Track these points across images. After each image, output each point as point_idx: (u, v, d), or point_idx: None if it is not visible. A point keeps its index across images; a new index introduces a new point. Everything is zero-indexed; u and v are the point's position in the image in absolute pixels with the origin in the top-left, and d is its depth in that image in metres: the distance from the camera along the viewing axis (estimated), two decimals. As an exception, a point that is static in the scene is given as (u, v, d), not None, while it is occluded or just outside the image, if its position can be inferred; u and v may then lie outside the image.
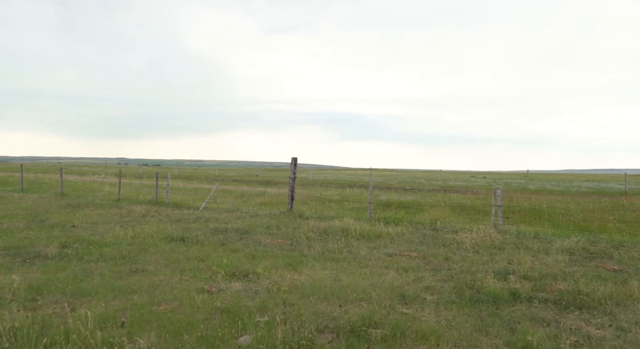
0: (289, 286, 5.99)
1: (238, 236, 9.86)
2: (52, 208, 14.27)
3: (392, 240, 9.69)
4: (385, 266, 7.35)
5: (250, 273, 6.62)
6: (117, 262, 7.19)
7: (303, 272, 6.87)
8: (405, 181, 36.68)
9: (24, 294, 5.21)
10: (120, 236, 9.31)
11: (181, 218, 12.37)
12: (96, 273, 6.43)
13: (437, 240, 9.63)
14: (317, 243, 9.05)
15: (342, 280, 6.34)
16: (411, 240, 9.71)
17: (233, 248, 8.56)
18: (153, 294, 5.47)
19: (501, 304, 5.39)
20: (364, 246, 8.97)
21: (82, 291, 5.46)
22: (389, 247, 9.00)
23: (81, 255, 7.60)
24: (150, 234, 9.64)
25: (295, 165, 14.02)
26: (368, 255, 8.19)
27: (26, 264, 6.98)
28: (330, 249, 8.56)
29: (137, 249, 8.19)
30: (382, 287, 5.97)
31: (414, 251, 8.61)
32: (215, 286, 5.91)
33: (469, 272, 6.92)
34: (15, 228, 10.37)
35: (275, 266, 7.14)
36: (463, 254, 8.39)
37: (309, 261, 7.52)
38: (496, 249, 8.87)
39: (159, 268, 6.94)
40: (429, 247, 9.03)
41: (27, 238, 9.15)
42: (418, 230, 10.95)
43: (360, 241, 9.51)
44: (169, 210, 14.16)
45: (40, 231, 9.97)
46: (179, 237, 9.39)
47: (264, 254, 8.03)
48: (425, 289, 6.04)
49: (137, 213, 13.33)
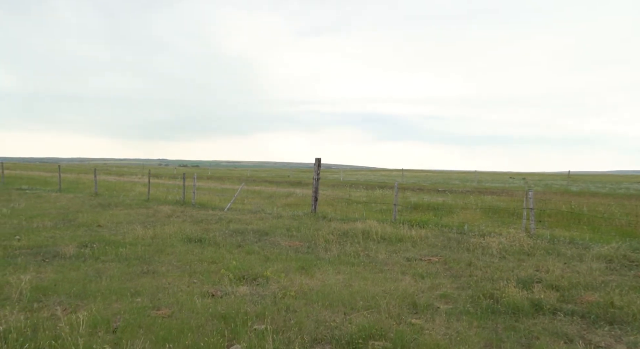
0: (297, 291, 5.78)
1: (256, 237, 9.74)
2: (84, 207, 14.65)
3: (414, 243, 9.31)
4: (402, 271, 7.02)
5: (259, 276, 6.44)
6: (131, 263, 7.19)
7: (315, 276, 6.63)
8: (438, 183, 35.80)
9: (29, 294, 5.23)
10: (140, 237, 9.37)
11: (204, 219, 12.39)
12: (107, 274, 6.43)
13: (462, 244, 9.17)
14: (335, 246, 8.80)
15: (353, 286, 6.07)
16: (434, 244, 9.29)
17: (249, 250, 8.43)
18: (156, 298, 5.38)
19: (521, 317, 4.97)
20: (383, 249, 8.64)
21: (87, 293, 5.44)
22: (410, 251, 8.64)
23: (97, 255, 7.65)
24: (169, 235, 9.66)
25: (319, 165, 13.81)
26: (386, 259, 7.87)
27: (43, 263, 7.08)
28: (347, 252, 8.29)
29: (153, 250, 8.20)
30: (394, 294, 5.66)
31: (435, 256, 8.21)
32: (221, 290, 5.76)
33: (491, 279, 6.49)
34: (44, 227, 10.65)
35: (287, 269, 6.94)
36: (488, 260, 7.93)
37: (322, 265, 7.28)
38: (525, 255, 8.34)
39: (170, 269, 6.88)
40: (453, 252, 8.60)
41: (52, 237, 9.35)
42: (443, 233, 10.50)
43: (380, 244, 9.19)
44: (195, 211, 14.25)
45: (66, 231, 10.19)
46: (197, 238, 9.35)
47: (278, 257, 7.85)
48: (440, 297, 5.68)
49: (163, 214, 13.48)
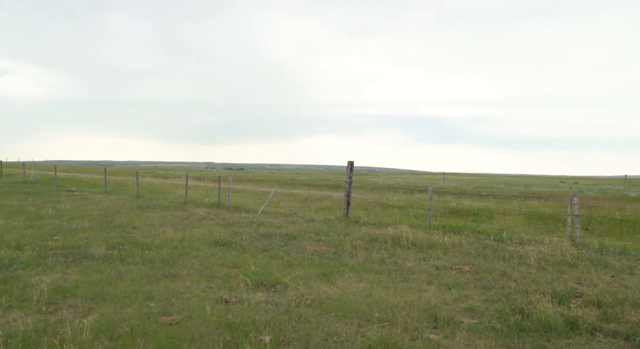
0: (314, 299, 5.57)
1: (283, 242, 9.61)
2: (123, 209, 15.09)
3: (446, 251, 8.87)
4: (428, 280, 6.65)
5: (278, 283, 6.28)
6: (154, 265, 7.23)
7: (335, 284, 6.40)
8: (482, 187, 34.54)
9: (47, 296, 5.31)
10: (169, 239, 9.47)
11: (235, 222, 12.42)
12: (128, 277, 6.47)
13: (498, 253, 8.63)
14: (362, 252, 8.51)
15: (373, 295, 5.78)
16: (468, 252, 8.81)
17: (273, 254, 8.30)
18: (169, 303, 5.33)
19: (553, 336, 4.52)
20: (412, 256, 8.27)
21: (103, 296, 5.47)
22: (441, 259, 8.22)
23: (124, 257, 7.76)
24: (198, 237, 9.71)
25: (352, 169, 13.54)
26: (414, 267, 7.50)
27: (72, 264, 7.24)
28: (373, 259, 7.98)
29: (179, 253, 8.23)
30: (415, 306, 5.33)
31: (467, 265, 7.76)
32: (237, 297, 5.64)
33: (524, 292, 6.01)
34: (82, 228, 11.00)
35: (308, 276, 6.74)
36: (524, 270, 7.40)
37: (345, 272, 7.03)
38: (566, 266, 7.73)
39: (191, 273, 6.84)
40: (487, 260, 8.11)
41: (87, 238, 9.61)
42: (479, 241, 9.96)
43: (410, 251, 8.81)
44: (228, 213, 14.34)
45: (102, 232, 10.47)
46: (224, 241, 9.34)
47: (302, 262, 7.66)
48: (465, 310, 5.29)
49: (197, 216, 13.64)
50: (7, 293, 5.52)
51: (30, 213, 13.57)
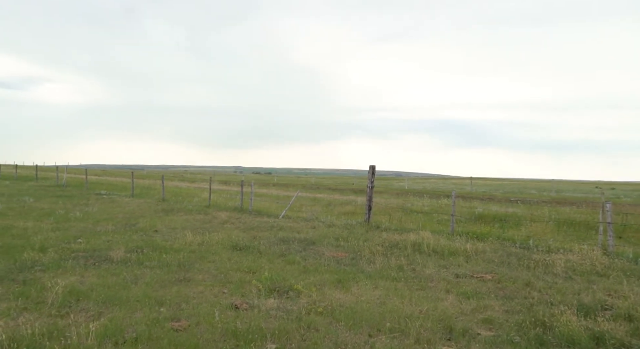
0: (325, 307, 5.44)
1: (302, 247, 9.51)
2: (148, 212, 15.32)
3: (468, 258, 8.58)
4: (446, 289, 6.41)
5: (291, 289, 6.17)
6: (171, 269, 7.24)
7: (350, 291, 6.24)
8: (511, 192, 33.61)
9: (61, 299, 5.36)
10: (188, 243, 9.51)
11: (256, 226, 12.41)
12: (143, 281, 6.49)
13: (523, 261, 8.29)
14: (380, 258, 8.32)
15: (387, 304, 5.60)
16: (491, 259, 8.49)
17: (290, 260, 8.21)
18: (180, 308, 5.30)
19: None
20: (432, 264, 8.03)
21: (115, 300, 5.48)
22: (462, 267, 7.94)
23: (142, 261, 7.82)
24: (217, 241, 9.72)
25: (373, 173, 13.34)
26: (433, 275, 7.27)
27: (90, 267, 7.33)
28: (391, 266, 7.79)
29: (196, 257, 8.24)
30: (431, 316, 5.12)
31: (489, 273, 7.47)
32: (248, 303, 5.57)
33: (548, 303, 5.71)
34: (105, 231, 11.20)
35: (322, 282, 6.61)
36: (550, 280, 7.06)
37: (361, 279, 6.86)
38: (596, 275, 7.34)
39: (206, 278, 6.82)
40: (510, 269, 7.79)
41: (109, 241, 9.77)
42: (504, 248, 9.60)
43: (430, 258, 8.56)
44: (250, 218, 14.36)
45: (124, 235, 10.62)
46: (243, 246, 9.31)
47: (318, 268, 7.54)
48: (483, 322, 5.05)
49: (218, 220, 13.71)
50: (24, 295, 5.62)
51: (58, 215, 13.94)
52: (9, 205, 16.69)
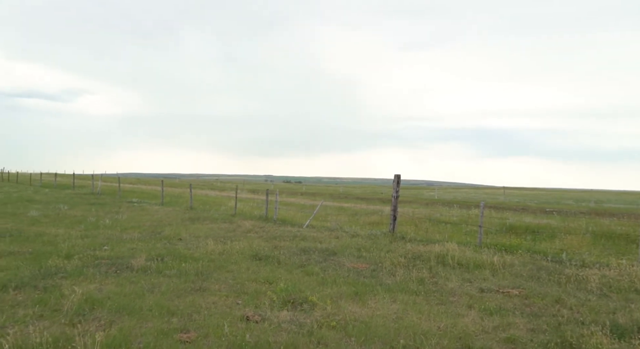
0: (339, 321, 5.26)
1: (322, 257, 9.35)
2: (175, 221, 15.52)
3: (494, 271, 8.21)
4: (468, 304, 6.12)
5: (306, 301, 6.03)
6: (188, 278, 7.23)
7: (367, 304, 6.04)
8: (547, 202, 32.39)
9: (76, 307, 5.40)
10: (209, 252, 9.51)
11: (279, 236, 12.34)
12: (159, 289, 6.49)
13: (554, 276, 7.86)
14: (401, 271, 8.07)
15: (404, 319, 5.38)
16: (519, 273, 8.09)
17: (309, 270, 8.06)
18: (191, 318, 5.24)
19: (605, 377, 3.91)
20: (456, 277, 7.72)
21: (129, 309, 5.48)
22: (488, 281, 7.59)
23: (162, 269, 7.84)
24: (238, 251, 9.68)
25: (398, 182, 13.08)
26: (455, 289, 6.97)
27: (111, 275, 7.41)
28: (412, 278, 7.52)
29: (215, 266, 8.22)
30: (448, 333, 4.87)
31: (516, 288, 7.10)
32: (260, 315, 5.45)
33: (579, 323, 5.35)
34: (131, 238, 11.37)
35: (339, 295, 6.43)
36: (583, 297, 6.64)
37: (380, 292, 6.64)
38: (635, 293, 6.87)
39: (222, 288, 6.76)
40: (540, 284, 7.39)
41: (133, 249, 9.89)
42: (534, 261, 9.15)
43: (454, 270, 8.24)
44: (274, 227, 14.32)
45: (148, 243, 10.75)
46: (263, 255, 9.24)
47: (336, 280, 7.36)
48: (505, 341, 4.75)
49: (243, 229, 13.73)
50: (42, 302, 5.70)
51: (89, 223, 14.31)
52: (45, 212, 17.29)
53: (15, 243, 10.21)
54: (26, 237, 11.15)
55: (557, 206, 28.90)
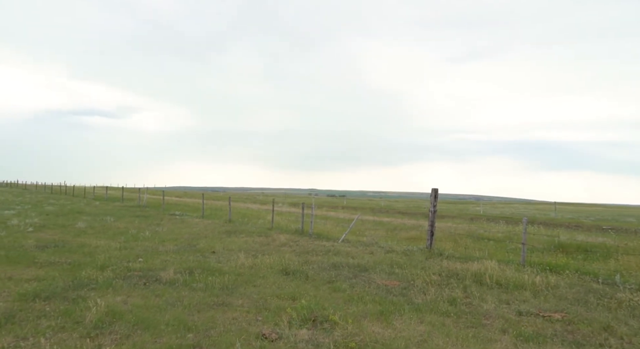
0: (359, 342, 4.98)
1: (352, 273, 9.07)
2: (212, 233, 15.70)
3: (536, 293, 7.62)
4: (502, 328, 5.65)
5: (327, 320, 5.78)
6: (213, 293, 7.16)
7: (391, 324, 5.72)
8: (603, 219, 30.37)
9: (96, 320, 5.42)
10: (238, 265, 9.47)
11: (312, 250, 12.15)
12: (182, 303, 6.45)
13: (603, 300, 7.19)
14: (434, 289, 7.65)
15: (429, 342, 5.02)
16: (564, 296, 7.47)
17: (336, 287, 7.81)
18: (207, 335, 5.13)
19: None
20: (492, 298, 7.21)
21: (147, 323, 5.44)
22: (527, 303, 7.04)
23: (189, 282, 7.84)
24: (268, 265, 9.58)
25: (436, 196, 12.59)
26: (490, 311, 6.49)
27: (139, 287, 7.47)
28: (444, 298, 7.10)
29: (242, 280, 8.13)
30: (477, 361, 4.47)
31: (559, 312, 6.52)
32: (277, 333, 5.27)
33: (628, 354, 4.78)
34: (166, 251, 11.54)
35: (363, 313, 6.14)
36: (637, 325, 6.00)
37: (407, 312, 6.29)
38: (697, 322, 6.11)
39: (245, 303, 6.64)
40: (587, 308, 6.76)
41: (166, 261, 10.00)
42: (583, 283, 8.45)
43: (491, 291, 7.72)
44: (309, 241, 14.15)
45: (182, 255, 10.86)
46: (292, 270, 9.07)
47: (362, 297, 7.07)
48: (540, 373, 4.30)
49: (277, 242, 13.65)
50: (67, 313, 5.78)
51: (130, 235, 14.71)
52: (92, 223, 18.00)
53: (58, 254, 10.59)
54: (69, 248, 11.56)
55: (615, 223, 27.01)
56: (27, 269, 8.80)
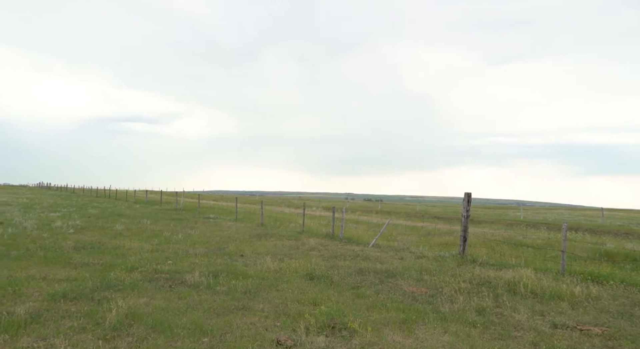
0: (377, 352, 4.77)
1: (379, 279, 8.83)
2: (243, 237, 15.78)
3: (574, 304, 7.14)
4: (533, 342, 5.29)
5: (346, 327, 5.60)
6: (234, 296, 7.12)
7: (413, 334, 5.48)
8: (656, 225, 28.52)
9: (115, 321, 5.47)
10: (264, 269, 9.41)
11: (340, 254, 11.97)
12: (203, 306, 6.43)
13: (649, 313, 6.63)
14: (462, 297, 7.31)
15: (452, 355, 4.74)
16: (606, 308, 6.96)
17: (361, 293, 7.61)
18: (222, 340, 5.06)
19: None
20: (525, 308, 6.81)
21: (166, 325, 5.44)
22: (564, 314, 6.60)
23: (212, 286, 7.84)
24: (293, 269, 9.48)
25: (469, 201, 12.14)
26: (522, 322, 6.12)
27: (163, 289, 7.53)
28: (472, 307, 6.76)
29: (265, 284, 8.06)
30: (501, 376, 4.17)
31: (599, 326, 6.07)
32: (293, 339, 5.13)
33: (674, 375, 4.34)
34: (196, 253, 11.66)
35: (385, 321, 5.92)
36: (685, 341, 5.47)
37: (432, 321, 6.02)
38: None
39: (265, 308, 6.55)
40: (631, 323, 6.26)
41: (194, 264, 10.08)
42: (628, 295, 7.87)
43: (525, 301, 7.30)
44: (338, 245, 13.98)
45: (210, 258, 10.93)
46: (317, 275, 8.93)
47: (386, 304, 6.83)
48: (571, 392, 3.96)
49: (306, 247, 13.55)
50: (90, 314, 5.86)
51: (163, 237, 15.00)
52: (129, 226, 18.51)
53: (92, 255, 10.90)
54: (104, 249, 11.89)
55: (668, 230, 25.29)
56: (61, 269, 9.08)
